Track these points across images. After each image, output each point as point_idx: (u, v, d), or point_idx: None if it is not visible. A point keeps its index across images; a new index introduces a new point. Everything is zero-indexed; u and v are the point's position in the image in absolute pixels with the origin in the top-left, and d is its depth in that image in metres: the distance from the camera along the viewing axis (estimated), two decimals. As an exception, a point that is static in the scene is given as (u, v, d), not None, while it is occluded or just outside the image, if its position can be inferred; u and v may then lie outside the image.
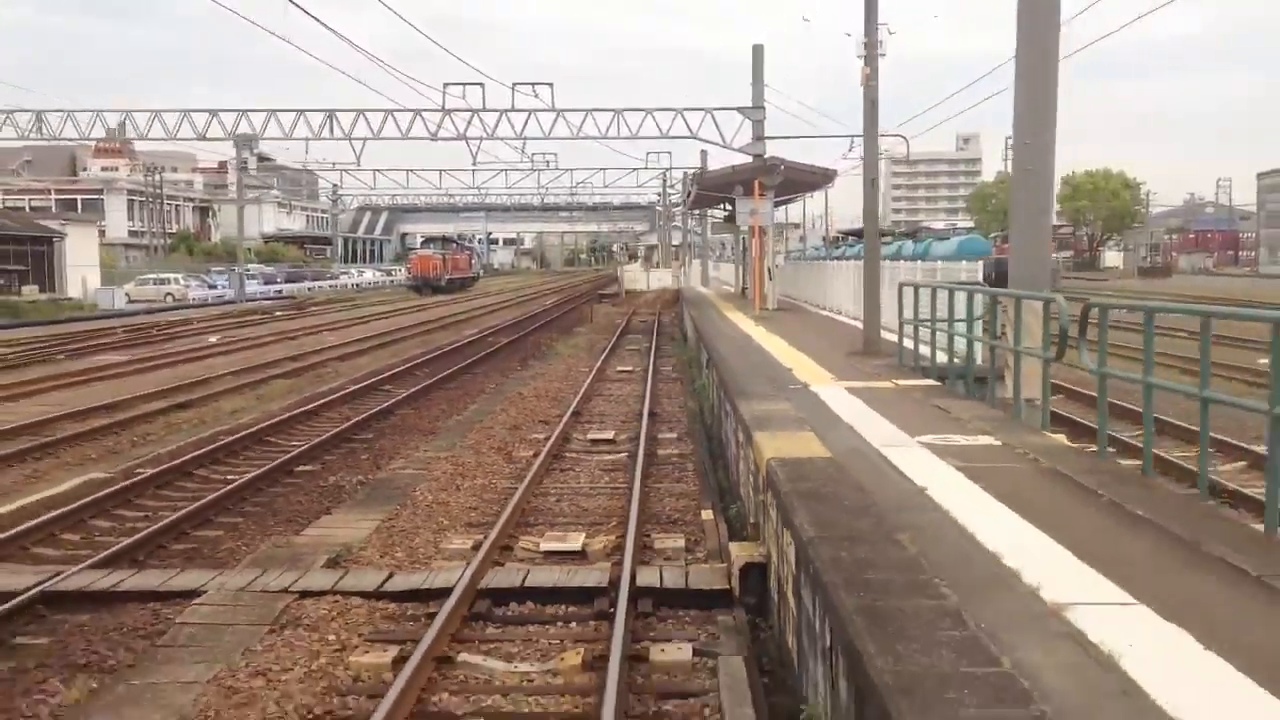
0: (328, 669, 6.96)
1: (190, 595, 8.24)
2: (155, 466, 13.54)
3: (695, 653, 7.21)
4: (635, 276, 63.92)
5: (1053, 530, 5.99)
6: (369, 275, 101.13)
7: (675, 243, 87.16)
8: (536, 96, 40.29)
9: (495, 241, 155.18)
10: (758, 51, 39.08)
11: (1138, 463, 8.49)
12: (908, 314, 14.65)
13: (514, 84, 39.51)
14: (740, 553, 8.42)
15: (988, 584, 5.10)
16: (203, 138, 43.21)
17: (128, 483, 12.57)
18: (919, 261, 26.53)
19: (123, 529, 10.83)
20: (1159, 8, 24.59)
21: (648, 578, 8.51)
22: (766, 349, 18.01)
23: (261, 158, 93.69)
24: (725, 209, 40.65)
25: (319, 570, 8.90)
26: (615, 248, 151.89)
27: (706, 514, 10.90)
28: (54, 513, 11.10)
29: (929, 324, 13.84)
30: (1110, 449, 8.97)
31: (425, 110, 41.69)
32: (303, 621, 7.71)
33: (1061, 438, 9.14)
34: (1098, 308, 8.00)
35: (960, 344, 13.11)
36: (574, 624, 7.93)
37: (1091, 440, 9.95)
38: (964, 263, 20.35)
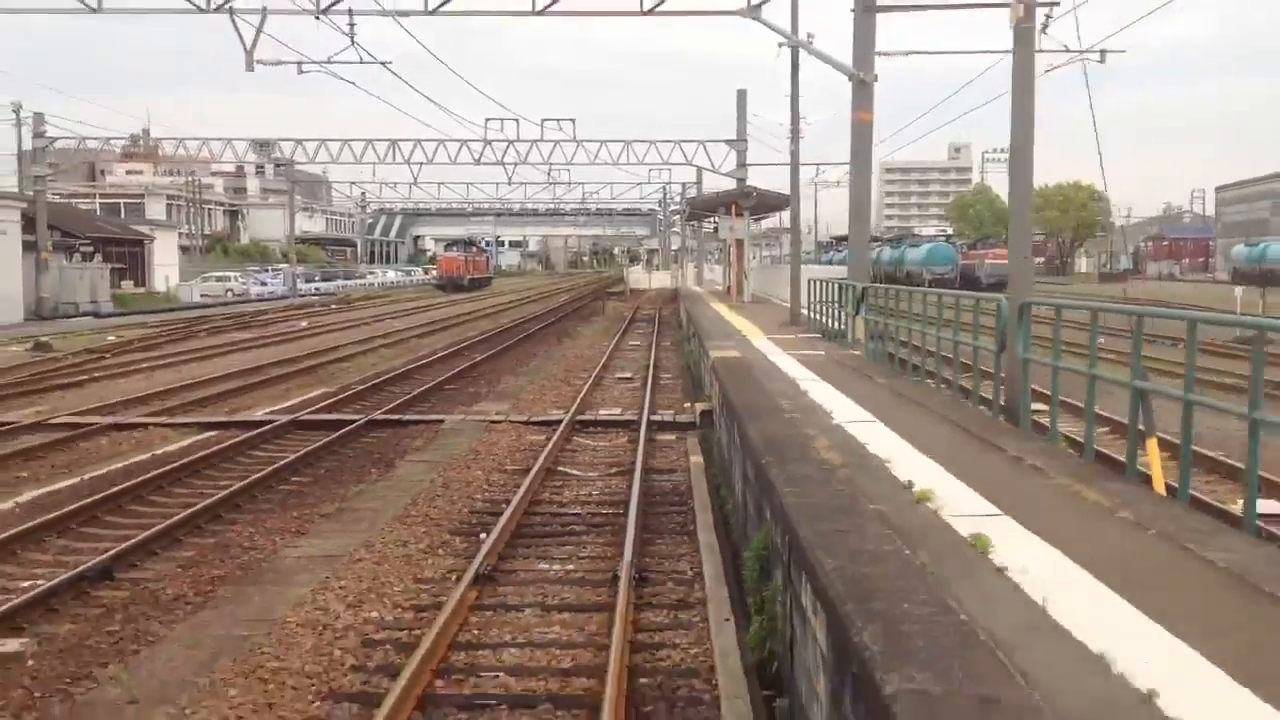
0: (516, 441, 16.15)
1: (439, 422, 17.45)
2: (358, 386, 22.58)
3: (676, 436, 16.42)
4: (639, 277, 72.74)
5: (818, 373, 15.17)
6: (391, 275, 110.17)
7: (675, 247, 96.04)
8: (560, 129, 49.58)
9: (502, 244, 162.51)
10: (741, 96, 48.21)
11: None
12: (813, 298, 23.86)
13: (543, 119, 48.80)
14: (700, 404, 17.61)
15: (779, 379, 14.32)
16: (284, 163, 52.27)
17: (349, 393, 21.62)
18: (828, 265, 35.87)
19: (373, 406, 19.90)
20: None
21: (655, 419, 17.69)
22: (731, 323, 27.21)
23: (280, 163, 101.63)
24: (713, 223, 49.83)
25: (494, 415, 18.08)
26: (616, 251, 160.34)
27: (687, 405, 20.05)
28: (323, 402, 20.16)
29: (822, 303, 23.01)
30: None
31: (470, 140, 51.09)
32: (498, 429, 16.90)
33: (859, 353, 18.23)
34: (866, 289, 17.18)
35: (840, 314, 22.28)
36: (621, 432, 17.10)
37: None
38: (844, 267, 29.70)
